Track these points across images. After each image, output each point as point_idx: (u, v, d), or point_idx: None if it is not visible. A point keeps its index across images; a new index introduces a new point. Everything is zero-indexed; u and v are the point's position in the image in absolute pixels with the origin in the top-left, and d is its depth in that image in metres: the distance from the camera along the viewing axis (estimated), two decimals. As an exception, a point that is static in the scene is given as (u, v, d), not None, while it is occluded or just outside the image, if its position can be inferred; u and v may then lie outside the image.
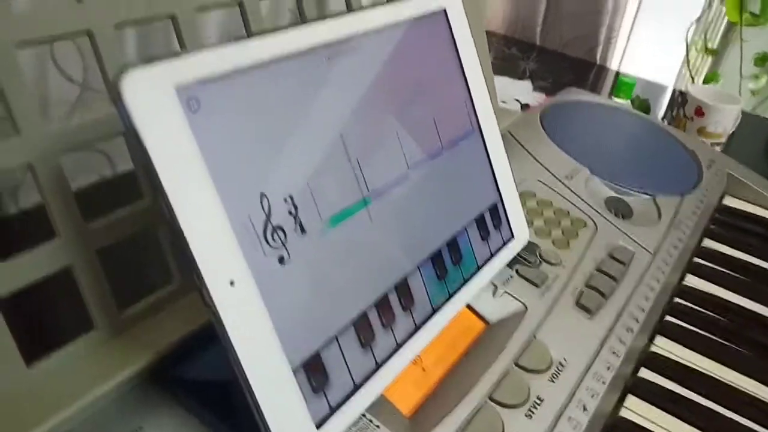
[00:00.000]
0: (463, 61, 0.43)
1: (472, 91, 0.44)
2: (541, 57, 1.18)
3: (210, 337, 0.33)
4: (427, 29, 0.41)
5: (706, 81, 1.62)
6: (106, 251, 0.32)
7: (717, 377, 0.45)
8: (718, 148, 0.89)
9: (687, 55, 1.57)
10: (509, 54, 1.16)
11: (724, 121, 0.86)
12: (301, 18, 0.42)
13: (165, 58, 0.26)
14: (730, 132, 0.90)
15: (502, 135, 0.46)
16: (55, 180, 0.30)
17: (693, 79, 1.61)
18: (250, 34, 0.38)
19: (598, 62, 1.25)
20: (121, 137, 0.33)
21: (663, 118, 1.16)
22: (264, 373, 0.28)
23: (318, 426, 0.30)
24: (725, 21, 1.63)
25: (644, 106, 1.11)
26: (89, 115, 0.31)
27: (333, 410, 0.31)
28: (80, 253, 0.31)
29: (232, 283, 0.27)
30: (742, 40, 1.63)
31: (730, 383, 0.44)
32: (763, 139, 1.05)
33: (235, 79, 0.28)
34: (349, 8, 0.47)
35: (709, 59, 1.59)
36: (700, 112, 0.86)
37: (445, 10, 0.42)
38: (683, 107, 0.89)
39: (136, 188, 0.34)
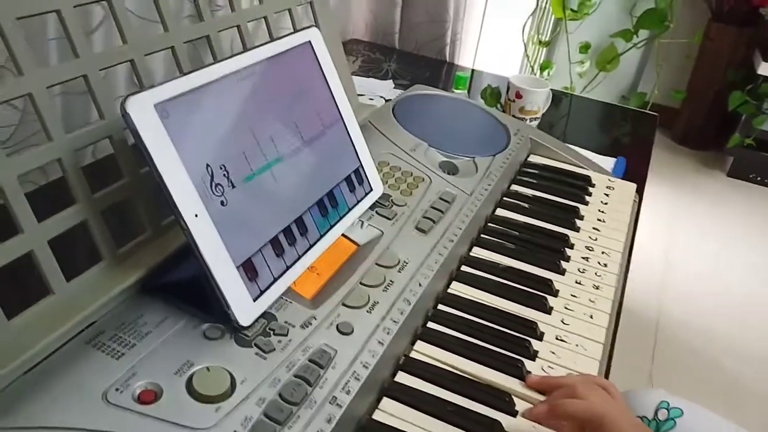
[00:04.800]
0: (326, 74, 0.64)
1: (333, 94, 0.65)
2: (401, 59, 1.42)
3: (175, 262, 0.52)
4: (300, 55, 0.62)
5: (542, 69, 1.94)
6: (105, 213, 0.50)
7: (520, 269, 0.68)
8: (536, 122, 1.16)
9: (525, 50, 1.88)
10: (374, 58, 1.39)
11: (537, 101, 1.13)
12: (212, 53, 0.62)
13: (147, 88, 0.45)
14: (545, 109, 1.17)
15: (363, 124, 0.67)
16: (73, 168, 0.48)
17: (532, 68, 1.92)
18: (181, 70, 0.57)
19: (447, 60, 1.51)
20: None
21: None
22: (220, 268, 0.48)
23: (254, 300, 0.50)
24: (553, 17, 1.96)
25: (495, 94, 1.35)
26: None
27: (262, 292, 0.51)
28: (90, 212, 0.49)
29: (196, 216, 0.47)
30: (568, 33, 1.96)
31: (527, 271, 0.68)
32: (578, 112, 1.34)
33: (187, 97, 0.48)
34: (244, 47, 0.66)
35: (544, 50, 1.91)
36: (518, 95, 1.13)
37: (310, 42, 0.63)
38: (507, 92, 1.15)
39: (118, 172, 0.52)
